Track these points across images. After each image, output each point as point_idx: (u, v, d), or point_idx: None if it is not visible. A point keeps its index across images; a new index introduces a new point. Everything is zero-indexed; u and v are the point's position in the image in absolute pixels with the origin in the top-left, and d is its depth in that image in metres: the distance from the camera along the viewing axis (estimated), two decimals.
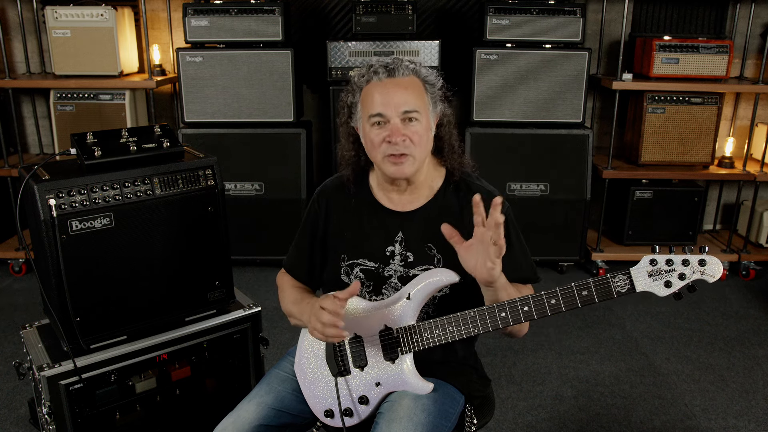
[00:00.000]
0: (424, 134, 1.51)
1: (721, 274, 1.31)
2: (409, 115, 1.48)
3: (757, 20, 4.01)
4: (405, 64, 1.53)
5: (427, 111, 1.52)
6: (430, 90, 1.54)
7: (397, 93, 1.48)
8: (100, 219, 1.74)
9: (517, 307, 1.39)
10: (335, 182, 1.68)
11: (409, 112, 1.48)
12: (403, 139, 1.47)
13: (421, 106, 1.50)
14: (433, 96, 1.54)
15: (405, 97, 1.48)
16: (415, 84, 1.52)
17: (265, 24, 3.56)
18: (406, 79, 1.51)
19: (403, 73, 1.51)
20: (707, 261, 1.30)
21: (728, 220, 4.27)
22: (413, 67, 1.53)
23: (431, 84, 1.55)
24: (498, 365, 2.87)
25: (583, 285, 1.35)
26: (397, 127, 1.47)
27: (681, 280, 1.31)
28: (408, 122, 1.48)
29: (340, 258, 1.61)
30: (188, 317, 1.97)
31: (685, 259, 1.31)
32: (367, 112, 1.51)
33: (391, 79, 1.50)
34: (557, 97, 3.60)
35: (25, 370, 1.90)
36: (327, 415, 1.55)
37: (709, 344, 3.10)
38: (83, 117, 3.71)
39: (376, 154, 1.51)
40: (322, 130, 4.22)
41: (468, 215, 1.53)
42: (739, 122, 4.20)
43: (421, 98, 1.51)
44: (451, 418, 1.51)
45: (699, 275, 1.31)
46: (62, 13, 3.59)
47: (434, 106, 1.55)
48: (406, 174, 1.51)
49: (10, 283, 3.71)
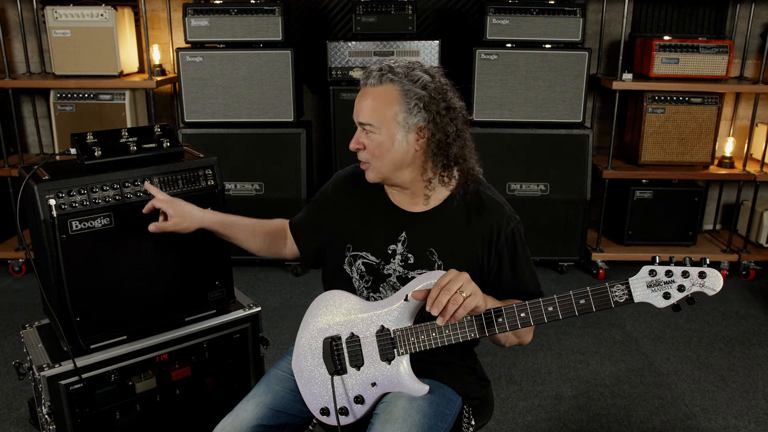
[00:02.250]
0: (384, 145, 1.47)
1: (721, 287, 1.28)
2: (363, 127, 1.50)
3: (757, 20, 4.01)
4: (384, 71, 1.47)
5: (392, 122, 1.46)
6: (411, 97, 1.45)
7: (360, 102, 1.50)
8: (100, 219, 1.74)
9: (515, 314, 1.38)
10: (353, 170, 1.70)
11: (362, 124, 1.50)
12: (357, 147, 1.52)
13: (378, 119, 1.46)
14: (409, 106, 1.45)
15: (365, 108, 1.49)
16: (384, 94, 1.46)
17: (265, 24, 3.56)
18: (377, 89, 1.48)
19: (376, 81, 1.47)
20: (707, 273, 1.28)
21: (728, 220, 4.27)
22: (390, 77, 1.46)
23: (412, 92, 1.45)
24: (498, 365, 2.88)
25: (580, 294, 1.34)
26: (356, 135, 1.52)
27: (680, 292, 1.29)
28: (366, 132, 1.50)
29: (345, 247, 1.61)
30: (188, 317, 1.97)
31: (685, 270, 1.29)
32: None
33: (364, 87, 1.51)
34: (557, 97, 3.60)
35: (25, 370, 1.90)
36: (323, 413, 1.55)
37: (709, 344, 3.10)
38: (83, 117, 3.71)
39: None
40: (322, 130, 4.22)
41: (475, 224, 1.54)
42: (739, 122, 4.20)
43: (385, 109, 1.45)
44: (447, 420, 1.52)
45: (698, 288, 1.29)
46: (62, 13, 3.59)
47: (409, 115, 1.45)
48: (370, 179, 1.54)
49: (10, 283, 3.71)
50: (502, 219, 1.54)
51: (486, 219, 1.54)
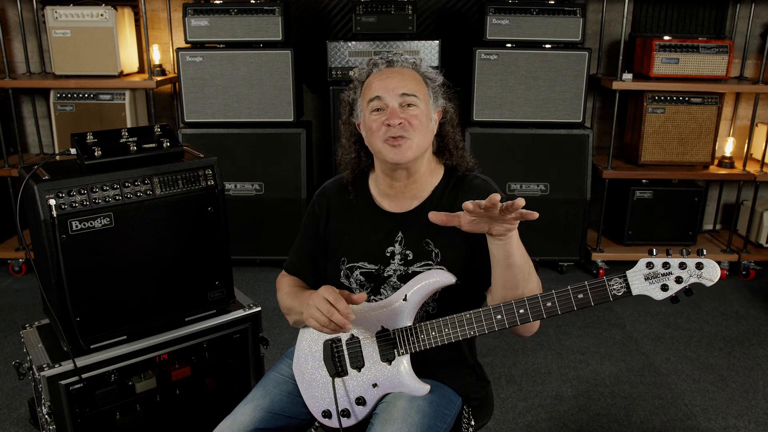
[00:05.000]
0: (423, 119, 1.51)
1: (719, 277, 1.29)
2: (407, 99, 1.50)
3: (757, 20, 4.01)
4: (405, 57, 1.57)
5: (427, 100, 1.54)
6: (431, 84, 1.56)
7: (395, 78, 1.51)
8: (100, 219, 1.74)
9: (513, 310, 1.38)
10: (335, 184, 1.68)
11: (407, 95, 1.50)
12: (400, 121, 1.48)
13: (419, 92, 1.52)
14: (434, 90, 1.56)
15: (403, 81, 1.51)
16: (414, 74, 1.55)
17: (265, 24, 3.56)
18: (405, 69, 1.55)
19: (402, 64, 1.56)
20: (704, 264, 1.28)
21: (728, 220, 4.27)
22: (413, 61, 1.57)
23: (431, 79, 1.57)
24: (498, 365, 2.87)
25: (579, 288, 1.34)
26: (394, 111, 1.49)
27: (678, 283, 1.29)
28: (406, 107, 1.50)
29: (340, 261, 1.61)
30: (188, 317, 1.97)
31: (682, 262, 1.29)
32: (367, 98, 1.53)
33: (390, 68, 1.54)
34: (557, 97, 3.60)
35: (25, 370, 1.90)
36: (325, 415, 1.55)
37: (709, 344, 3.10)
38: (83, 117, 3.71)
39: (376, 140, 1.51)
40: (322, 130, 4.22)
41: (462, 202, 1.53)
42: (739, 122, 4.20)
43: (420, 87, 1.54)
44: (446, 420, 1.51)
45: (696, 279, 1.29)
46: (62, 13, 3.59)
47: (435, 99, 1.56)
48: (406, 158, 1.49)
49: (10, 283, 3.71)
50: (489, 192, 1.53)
51: (471, 196, 1.52)
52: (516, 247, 1.37)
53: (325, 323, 1.40)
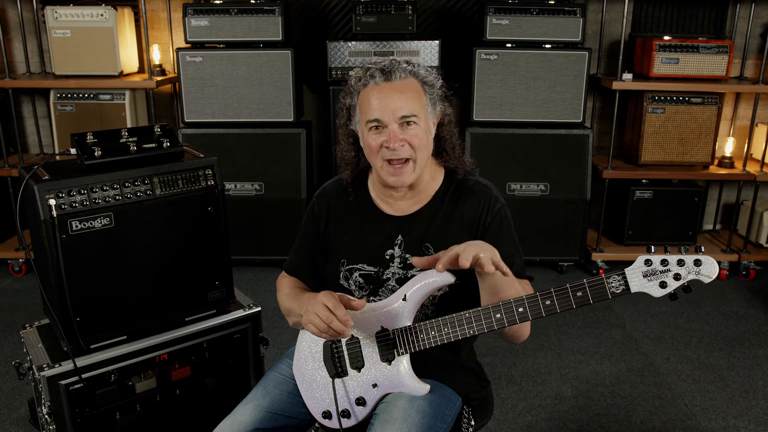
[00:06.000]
0: (424, 137, 1.50)
1: (717, 274, 1.29)
2: (407, 119, 1.48)
3: (757, 20, 4.01)
4: (402, 66, 1.51)
5: (426, 113, 1.51)
6: (429, 91, 1.52)
7: (393, 98, 1.47)
8: (100, 219, 1.74)
9: (512, 308, 1.38)
10: (334, 185, 1.68)
11: (406, 117, 1.47)
12: (402, 144, 1.47)
13: (418, 109, 1.49)
14: (432, 97, 1.53)
15: (402, 101, 1.47)
16: (412, 86, 1.50)
17: (265, 24, 3.56)
18: (403, 83, 1.49)
19: (400, 76, 1.49)
20: (703, 261, 1.28)
21: (728, 220, 4.27)
22: (410, 69, 1.51)
23: (430, 84, 1.53)
24: (498, 365, 2.87)
25: (577, 286, 1.34)
26: (394, 132, 1.47)
27: (676, 280, 1.29)
28: (406, 126, 1.48)
29: (339, 262, 1.61)
30: (188, 317, 1.97)
31: (680, 259, 1.29)
32: (365, 117, 1.50)
33: (387, 83, 1.49)
34: (557, 97, 3.60)
35: (25, 370, 1.90)
36: (325, 416, 1.55)
37: (709, 344, 3.10)
38: (83, 117, 3.71)
39: (375, 159, 1.51)
40: (322, 130, 4.22)
41: (462, 209, 1.56)
42: (739, 122, 4.20)
43: (419, 101, 1.50)
44: (446, 420, 1.51)
45: (694, 275, 1.29)
46: (62, 13, 3.59)
47: (433, 107, 1.53)
48: (405, 183, 1.51)
49: (10, 283, 3.71)
50: (489, 200, 1.56)
51: (473, 202, 1.56)
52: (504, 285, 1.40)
53: (324, 329, 1.40)
